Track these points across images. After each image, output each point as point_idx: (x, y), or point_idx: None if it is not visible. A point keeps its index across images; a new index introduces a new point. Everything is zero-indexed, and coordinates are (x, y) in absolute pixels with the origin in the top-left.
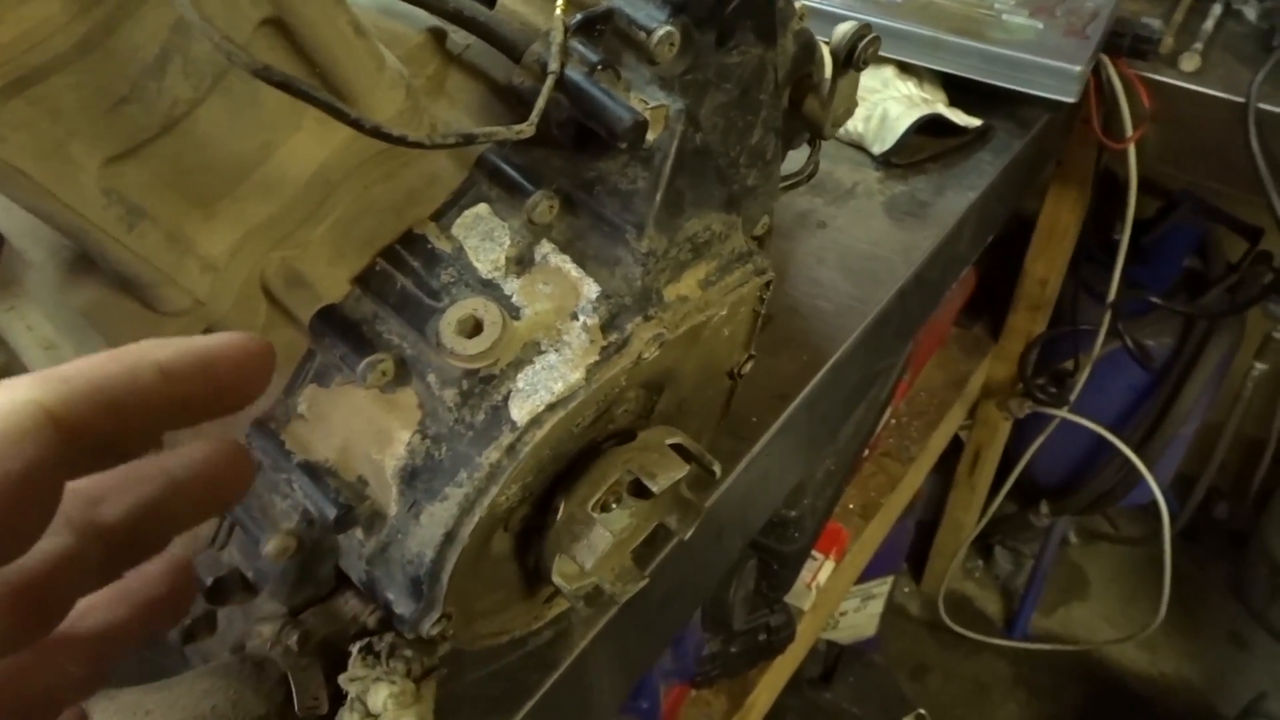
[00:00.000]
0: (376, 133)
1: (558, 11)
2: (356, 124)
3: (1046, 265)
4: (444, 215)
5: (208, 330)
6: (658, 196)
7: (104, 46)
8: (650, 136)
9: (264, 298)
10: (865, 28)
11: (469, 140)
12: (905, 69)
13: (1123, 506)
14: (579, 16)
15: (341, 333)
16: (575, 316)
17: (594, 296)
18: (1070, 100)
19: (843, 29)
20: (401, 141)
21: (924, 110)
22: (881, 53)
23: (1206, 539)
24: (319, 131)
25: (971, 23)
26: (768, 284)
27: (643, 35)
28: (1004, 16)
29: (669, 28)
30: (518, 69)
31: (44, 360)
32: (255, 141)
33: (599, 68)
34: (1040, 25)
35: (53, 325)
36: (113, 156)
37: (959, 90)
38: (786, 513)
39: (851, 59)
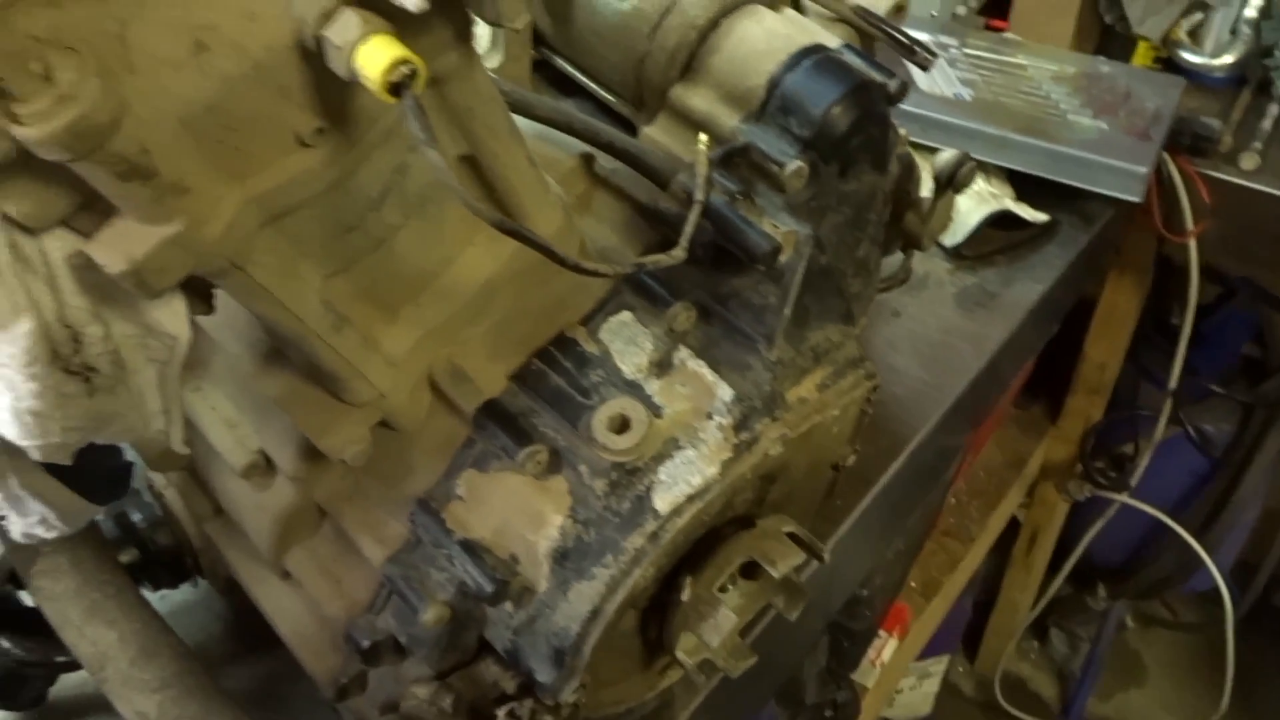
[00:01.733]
0: (577, 268)
1: (701, 146)
2: (560, 260)
3: (1105, 349)
4: (591, 320)
5: (383, 419)
6: (787, 311)
7: (343, 187)
8: (781, 258)
9: (429, 389)
10: (966, 156)
11: (638, 268)
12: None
13: (1182, 592)
14: (719, 150)
15: (502, 424)
16: (710, 416)
17: (728, 399)
18: (1136, 200)
19: (946, 157)
20: (591, 272)
21: (993, 206)
22: (951, 149)
23: (1268, 626)
24: (489, 247)
25: (1037, 122)
26: (875, 387)
27: (775, 168)
28: (1069, 116)
29: (799, 162)
30: (664, 195)
31: (226, 437)
32: (438, 257)
33: (738, 197)
34: (1104, 125)
35: (234, 406)
36: (330, 273)
37: (1025, 184)
38: (859, 591)
39: (953, 182)
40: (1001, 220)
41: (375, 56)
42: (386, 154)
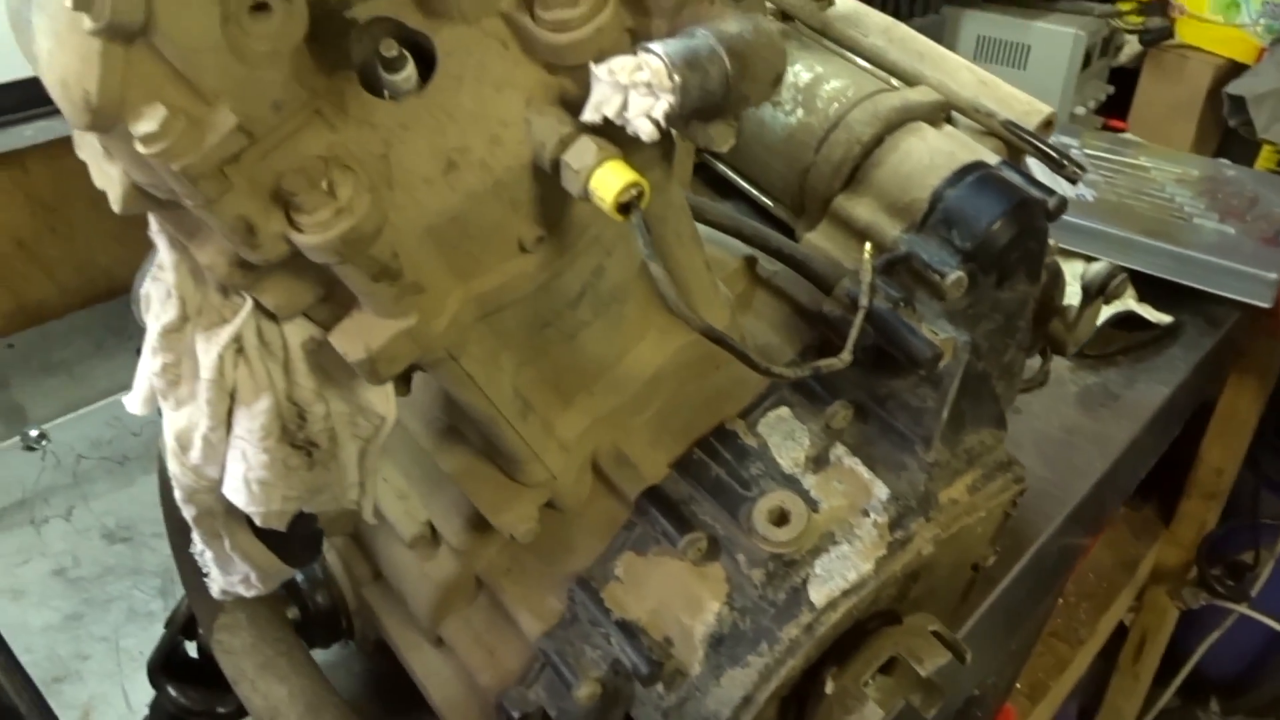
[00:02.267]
0: (766, 371)
1: (867, 255)
2: (753, 364)
3: (1223, 454)
4: (750, 413)
5: (550, 500)
6: (944, 415)
7: (548, 287)
8: (941, 364)
9: (593, 472)
10: (1117, 268)
11: (815, 374)
12: (1091, 261)
13: None
14: (883, 258)
15: (663, 510)
16: (866, 514)
17: (884, 498)
18: (1265, 305)
19: (1098, 268)
20: (775, 375)
21: (1116, 306)
22: (1075, 248)
23: None
24: (660, 340)
25: (1162, 225)
26: (1022, 490)
27: (936, 277)
28: (1195, 220)
29: (960, 273)
30: (828, 300)
31: (396, 507)
32: (615, 349)
33: (900, 303)
34: (1230, 230)
35: (405, 478)
36: (523, 362)
37: (1148, 284)
38: (973, 691)
39: (1104, 293)
40: (1125, 320)
41: (609, 180)
42: (588, 258)
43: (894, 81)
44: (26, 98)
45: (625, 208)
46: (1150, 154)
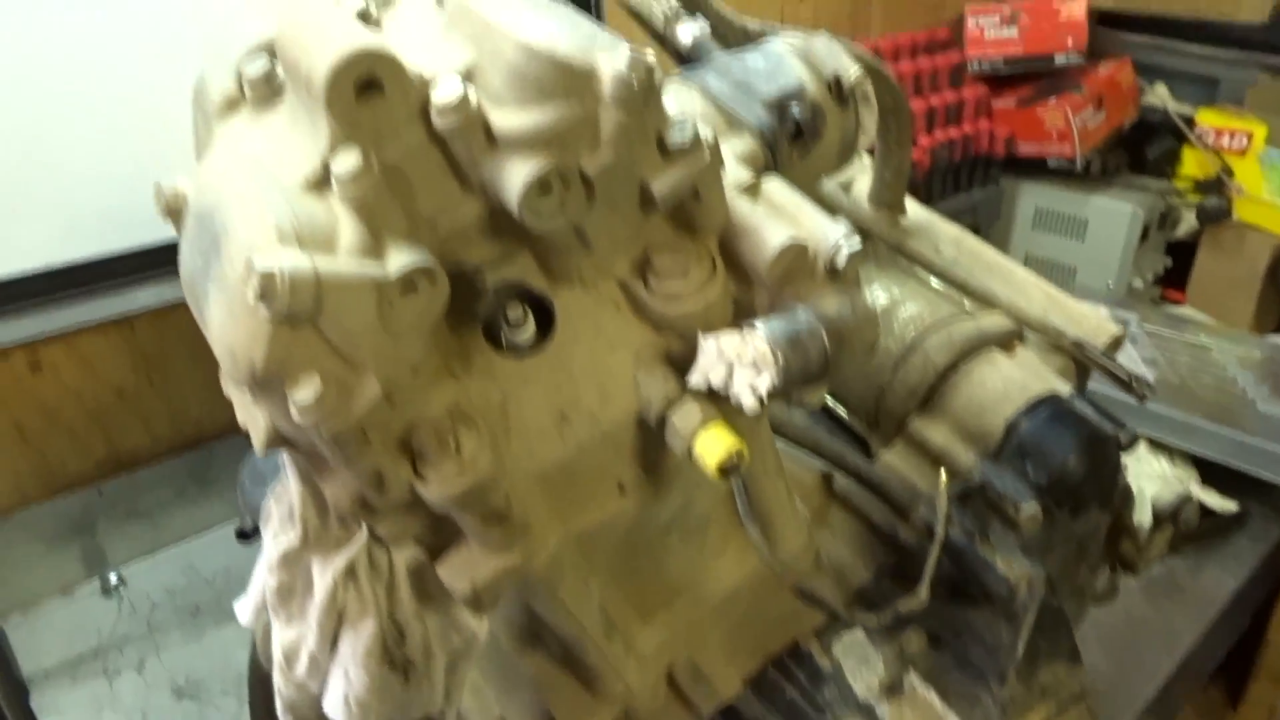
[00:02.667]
0: (851, 620)
1: (942, 486)
2: (839, 617)
3: None
4: (824, 633)
5: (625, 713)
6: (1019, 651)
7: (640, 519)
8: (1016, 600)
9: (665, 684)
10: (1186, 497)
11: (895, 616)
12: (1157, 445)
13: None
14: (958, 487)
15: None
16: None
17: None
18: None
19: (1167, 497)
20: (858, 622)
21: (1178, 490)
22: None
23: None
24: (739, 557)
25: (1225, 410)
26: None
27: (1011, 510)
28: (1259, 405)
29: (1035, 507)
30: (904, 525)
31: (471, 701)
32: (696, 567)
33: (976, 536)
34: None
35: (481, 673)
36: (608, 583)
37: (1210, 468)
38: None
39: (1175, 521)
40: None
41: (712, 445)
42: (679, 493)
43: (966, 303)
44: (140, 264)
45: (726, 470)
46: (1210, 332)
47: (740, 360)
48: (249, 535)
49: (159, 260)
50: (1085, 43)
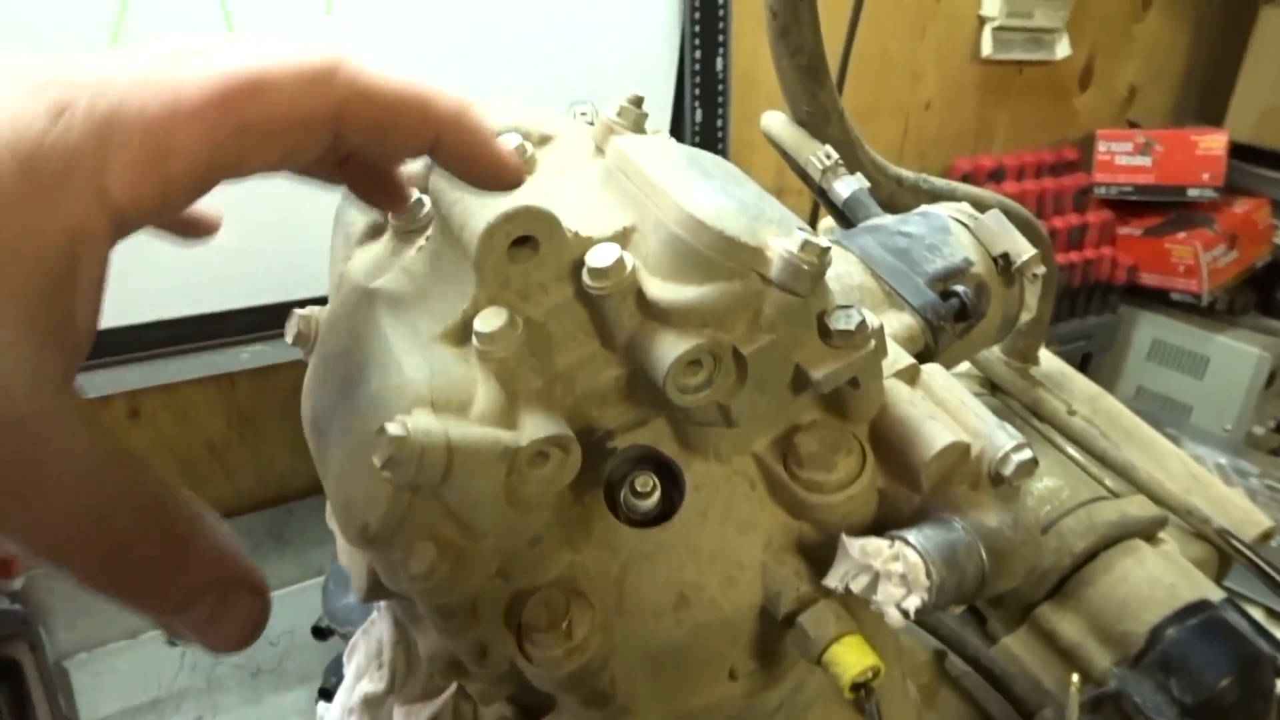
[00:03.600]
0: None
1: (1074, 690)
2: None
3: None
4: None
5: None
6: None
7: (748, 706)
8: None
9: None
10: None
11: None
12: (1273, 614)
13: None
14: (1090, 693)
15: None
16: None
17: None
18: None
19: None
20: None
21: None
22: (1254, 596)
23: None
24: None
25: None
26: None
27: None
28: None
29: None
30: None
31: None
32: None
33: None
34: None
35: None
36: None
37: None
38: None
39: None
40: None
41: (846, 658)
42: (793, 678)
43: (1107, 479)
44: (247, 324)
45: (859, 687)
46: None
47: (888, 572)
48: (324, 634)
49: (264, 321)
50: (1222, 179)
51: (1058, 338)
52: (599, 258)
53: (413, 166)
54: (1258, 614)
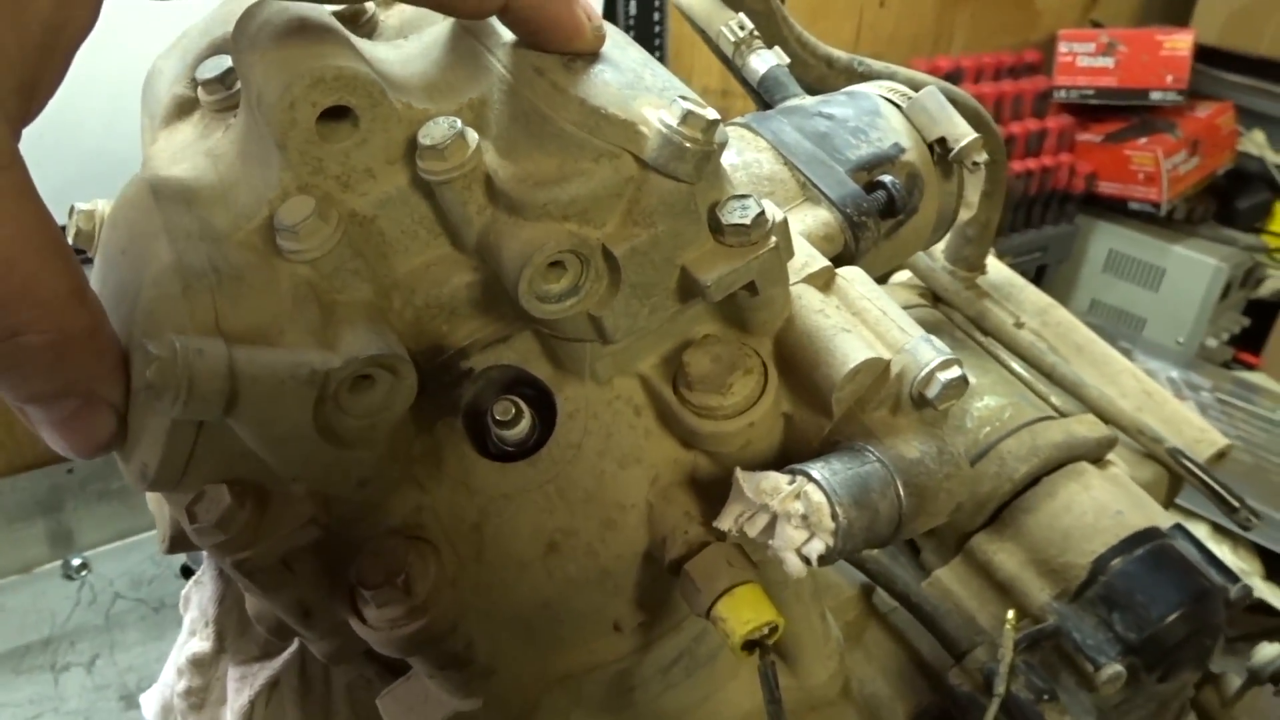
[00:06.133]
0: None
1: (1008, 628)
2: None
3: None
4: None
5: None
6: None
7: (640, 657)
8: None
9: None
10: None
11: None
12: (1220, 530)
13: None
14: (1026, 632)
15: None
16: None
17: None
18: None
19: (1268, 653)
20: None
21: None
22: (1198, 510)
23: None
24: (751, 684)
25: None
26: None
27: (1089, 666)
28: None
29: (1118, 667)
30: (955, 669)
31: None
32: (700, 694)
33: (1044, 697)
34: None
35: None
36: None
37: (1277, 561)
38: None
39: (1275, 681)
40: (1252, 606)
41: (741, 612)
42: (690, 629)
43: (1053, 396)
44: None
45: (753, 645)
46: None
47: (788, 514)
48: (192, 573)
49: None
50: (1187, 81)
51: (1012, 250)
52: (433, 134)
53: (225, 28)
54: (1203, 530)
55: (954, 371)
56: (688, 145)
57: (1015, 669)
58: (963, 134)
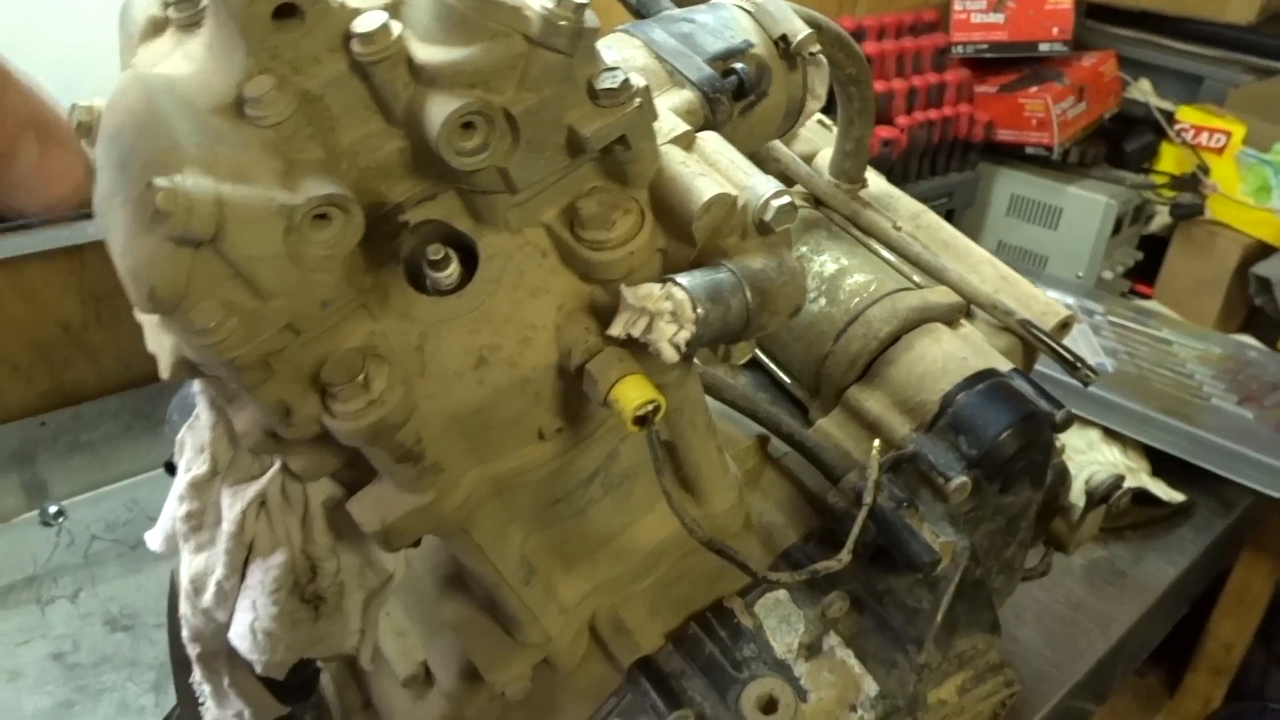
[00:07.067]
0: (764, 579)
1: (874, 453)
2: (754, 575)
3: (1233, 629)
4: (749, 593)
5: (545, 659)
6: (938, 618)
7: (562, 469)
8: (938, 569)
9: (588, 635)
10: (1119, 480)
11: (812, 575)
12: (1111, 434)
13: None
14: (889, 456)
15: (654, 682)
16: (854, 709)
17: (872, 694)
18: (1278, 496)
19: (1102, 478)
20: (771, 581)
21: (1128, 481)
22: (1091, 418)
23: None
24: (665, 515)
25: (1180, 403)
26: (1014, 694)
27: (941, 480)
28: (1213, 401)
29: (964, 479)
30: (833, 491)
31: (394, 645)
32: (620, 521)
33: (904, 505)
34: (1250, 415)
35: (406, 616)
36: (530, 531)
37: (1162, 459)
38: None
39: (1106, 501)
40: (1136, 496)
41: (629, 394)
42: (603, 444)
43: (916, 278)
44: None
45: (641, 420)
46: (1174, 328)
47: (660, 312)
48: (175, 469)
49: None
50: (1071, 33)
51: (920, 196)
52: (365, 23)
53: None
54: (1095, 433)
55: (784, 199)
56: (563, 23)
57: (880, 485)
58: (799, 30)
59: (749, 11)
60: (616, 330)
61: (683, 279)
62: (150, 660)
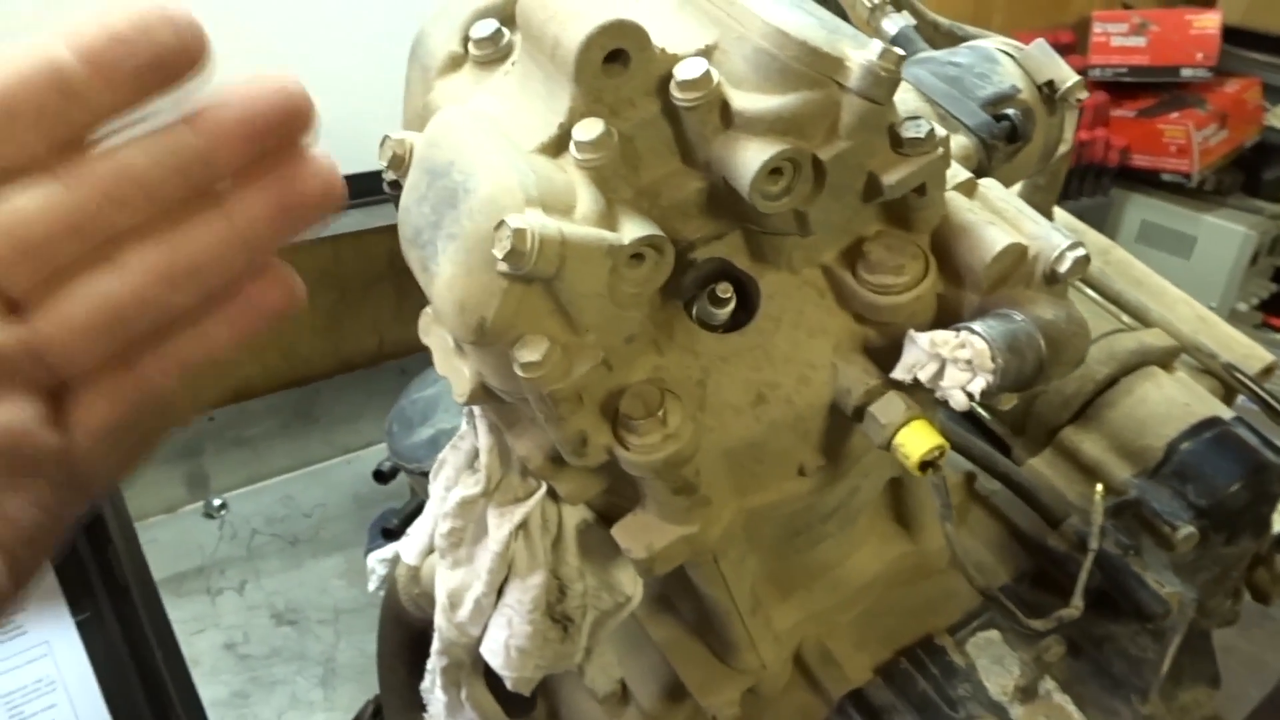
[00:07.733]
0: (1029, 628)
1: (1098, 497)
2: (1023, 623)
3: None
4: (958, 631)
5: (752, 687)
6: (1164, 669)
7: (810, 504)
8: (1167, 618)
9: (793, 663)
10: None
11: (1058, 622)
12: None
13: None
14: (1113, 501)
15: (865, 716)
16: None
17: None
18: None
19: None
20: (1032, 630)
21: None
22: None
23: None
24: (879, 548)
25: None
26: None
27: (1167, 529)
28: None
29: (1191, 529)
30: (1053, 534)
31: (593, 662)
32: (839, 554)
33: (1129, 551)
34: None
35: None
36: (761, 561)
37: None
38: None
39: None
40: None
41: (915, 439)
42: (851, 480)
43: (1124, 317)
44: None
45: (927, 466)
46: None
47: (955, 358)
48: (386, 477)
49: None
50: (1215, 58)
51: None
52: (687, 70)
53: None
54: None
55: (1080, 251)
56: (883, 74)
57: (1104, 530)
58: (1067, 76)
59: (1012, 55)
60: (901, 374)
61: (979, 327)
62: (316, 655)
